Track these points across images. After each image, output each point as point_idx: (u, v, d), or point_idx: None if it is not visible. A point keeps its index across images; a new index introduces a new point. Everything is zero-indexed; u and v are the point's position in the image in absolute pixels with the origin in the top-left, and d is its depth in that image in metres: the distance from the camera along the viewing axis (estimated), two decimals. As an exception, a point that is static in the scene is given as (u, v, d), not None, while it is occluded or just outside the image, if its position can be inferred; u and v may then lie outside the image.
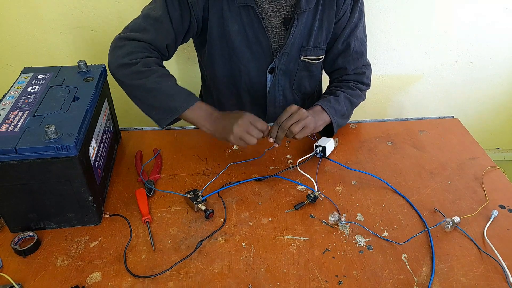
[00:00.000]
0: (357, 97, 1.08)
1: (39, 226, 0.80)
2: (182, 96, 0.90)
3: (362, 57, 1.10)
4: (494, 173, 0.98)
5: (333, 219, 0.84)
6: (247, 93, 1.13)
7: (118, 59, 0.92)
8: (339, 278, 0.73)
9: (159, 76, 0.90)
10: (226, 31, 0.99)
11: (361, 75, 1.10)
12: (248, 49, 1.02)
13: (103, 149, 0.91)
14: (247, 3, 0.93)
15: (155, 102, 0.90)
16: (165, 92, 0.89)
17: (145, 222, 0.83)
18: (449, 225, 0.82)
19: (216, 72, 1.09)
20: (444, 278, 0.73)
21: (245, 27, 0.98)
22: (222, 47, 1.03)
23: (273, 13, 0.98)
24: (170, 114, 0.90)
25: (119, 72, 0.92)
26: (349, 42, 1.05)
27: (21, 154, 0.69)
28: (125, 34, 0.95)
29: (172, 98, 0.89)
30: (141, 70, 0.90)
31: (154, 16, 0.94)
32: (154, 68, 0.91)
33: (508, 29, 1.57)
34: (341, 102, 1.03)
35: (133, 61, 0.90)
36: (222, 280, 0.72)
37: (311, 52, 1.05)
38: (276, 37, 1.02)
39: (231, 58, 1.05)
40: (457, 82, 1.73)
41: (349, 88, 1.07)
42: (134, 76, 0.90)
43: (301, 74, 1.11)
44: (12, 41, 1.46)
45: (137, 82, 0.90)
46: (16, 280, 0.70)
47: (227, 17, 0.96)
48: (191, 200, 0.86)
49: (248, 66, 1.06)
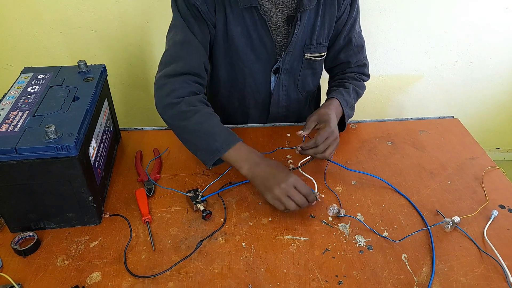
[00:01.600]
0: (362, 88, 1.14)
1: (39, 226, 0.80)
2: (223, 136, 0.87)
3: (363, 50, 1.13)
4: (494, 173, 0.98)
5: (333, 211, 0.84)
6: (252, 96, 1.13)
7: (162, 100, 0.91)
8: (339, 278, 0.73)
9: (202, 116, 0.88)
10: (229, 34, 0.99)
11: (363, 67, 1.14)
12: (252, 51, 1.02)
13: (103, 149, 0.91)
14: (251, 4, 0.93)
15: (198, 142, 0.88)
16: (206, 132, 0.87)
17: (145, 222, 0.83)
18: (449, 225, 0.82)
19: (220, 76, 1.09)
20: (444, 278, 0.73)
21: (249, 28, 0.98)
22: (225, 50, 1.03)
23: (276, 13, 0.98)
24: (212, 156, 0.86)
25: (165, 114, 0.91)
26: (351, 37, 1.08)
27: (21, 154, 0.69)
28: (163, 71, 0.93)
29: (213, 139, 0.86)
30: (184, 110, 0.88)
31: (181, 40, 0.93)
32: (197, 108, 0.89)
33: (508, 29, 1.57)
34: (351, 94, 1.07)
35: (175, 100, 0.89)
36: (222, 280, 0.72)
37: (314, 50, 1.06)
38: (280, 37, 1.02)
39: (234, 61, 1.04)
40: (457, 82, 1.74)
41: (355, 80, 1.12)
42: (178, 117, 0.89)
43: (305, 72, 1.11)
44: (12, 41, 1.46)
45: (181, 123, 0.89)
46: (16, 280, 0.70)
47: (230, 19, 0.96)
48: (191, 199, 0.86)
49: (252, 68, 1.05)
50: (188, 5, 0.93)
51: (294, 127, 1.14)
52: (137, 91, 1.63)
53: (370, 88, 1.70)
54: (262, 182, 0.83)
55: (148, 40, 1.49)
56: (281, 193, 0.81)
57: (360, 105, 1.12)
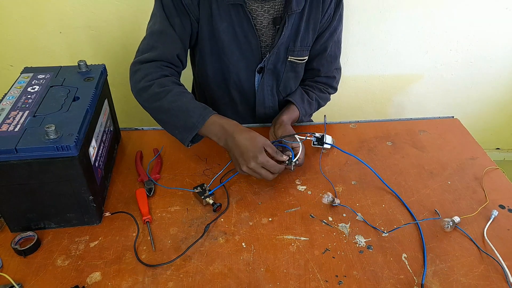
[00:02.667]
0: (326, 100, 1.19)
1: (39, 226, 0.80)
2: (198, 111, 0.89)
3: (336, 61, 1.15)
4: (494, 173, 0.98)
5: (327, 199, 0.84)
6: (237, 92, 1.13)
7: (136, 85, 0.94)
8: (339, 278, 0.73)
9: (174, 95, 0.90)
10: (215, 29, 0.99)
11: (332, 79, 1.17)
12: (237, 48, 1.02)
13: (103, 149, 0.91)
14: (236, 1, 0.94)
15: (174, 121, 0.90)
16: (181, 110, 0.89)
17: (145, 222, 0.83)
18: (449, 225, 0.82)
19: (208, 71, 1.09)
20: (444, 278, 0.73)
21: (234, 25, 0.98)
22: (211, 45, 1.03)
23: (261, 12, 0.98)
24: (190, 132, 0.88)
25: (139, 97, 0.94)
26: (326, 45, 1.09)
27: (21, 154, 0.69)
28: (138, 58, 0.97)
29: (188, 115, 0.88)
30: (157, 91, 0.90)
31: (158, 30, 0.96)
32: (168, 87, 0.91)
33: (508, 29, 1.57)
34: (312, 106, 1.14)
35: (148, 83, 0.92)
36: (222, 280, 0.72)
37: (297, 53, 1.06)
38: (265, 37, 1.03)
39: (220, 57, 1.05)
40: (457, 82, 1.74)
41: (320, 92, 1.16)
42: (151, 99, 0.91)
43: (288, 75, 1.11)
44: (12, 41, 1.46)
45: (155, 104, 0.91)
46: (16, 280, 0.70)
47: (216, 15, 0.97)
48: (199, 194, 0.87)
49: (237, 65, 1.06)
50: None
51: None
52: (137, 91, 1.63)
53: (370, 88, 1.72)
54: (236, 155, 0.86)
55: (148, 40, 1.49)
56: (255, 166, 0.84)
57: (360, 105, 1.12)
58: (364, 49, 1.60)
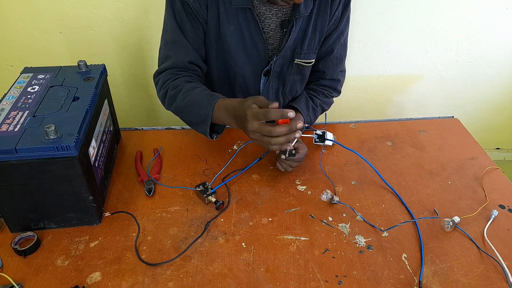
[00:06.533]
0: (329, 105, 1.17)
1: (39, 226, 0.80)
2: (205, 101, 0.89)
3: (341, 63, 1.14)
4: (494, 173, 0.98)
5: (326, 196, 0.84)
6: (243, 95, 1.13)
7: (158, 94, 1.01)
8: (339, 278, 0.73)
9: (184, 92, 0.93)
10: (222, 32, 0.99)
11: (336, 82, 1.15)
12: (244, 51, 1.02)
13: (103, 149, 0.91)
14: (245, 5, 0.93)
15: (191, 118, 0.94)
16: (192, 104, 0.91)
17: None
18: (449, 225, 0.82)
19: (212, 73, 1.09)
20: (444, 278, 0.73)
21: (242, 29, 0.98)
22: (217, 48, 1.03)
23: (269, 15, 0.98)
24: (205, 123, 0.90)
25: (164, 105, 0.99)
26: (333, 48, 1.08)
27: (21, 154, 0.69)
28: (157, 70, 1.02)
29: (199, 107, 0.90)
30: (171, 94, 0.95)
31: (171, 40, 0.99)
32: (180, 87, 0.94)
33: (508, 29, 1.57)
34: (317, 113, 1.12)
35: (165, 89, 0.97)
36: (222, 280, 0.72)
37: (304, 55, 1.06)
38: (272, 40, 1.02)
39: (226, 60, 1.05)
40: (457, 82, 1.73)
41: (325, 96, 1.15)
42: (170, 103, 0.96)
43: (294, 78, 1.11)
44: (12, 41, 1.46)
45: (173, 106, 0.95)
46: (16, 280, 0.70)
47: (223, 18, 0.96)
48: (201, 193, 0.87)
49: (243, 68, 1.05)
50: (182, 2, 0.94)
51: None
52: (137, 91, 1.63)
53: (370, 88, 1.71)
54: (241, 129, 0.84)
55: (148, 40, 1.48)
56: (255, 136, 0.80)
57: (360, 105, 1.12)
58: (364, 49, 1.60)
